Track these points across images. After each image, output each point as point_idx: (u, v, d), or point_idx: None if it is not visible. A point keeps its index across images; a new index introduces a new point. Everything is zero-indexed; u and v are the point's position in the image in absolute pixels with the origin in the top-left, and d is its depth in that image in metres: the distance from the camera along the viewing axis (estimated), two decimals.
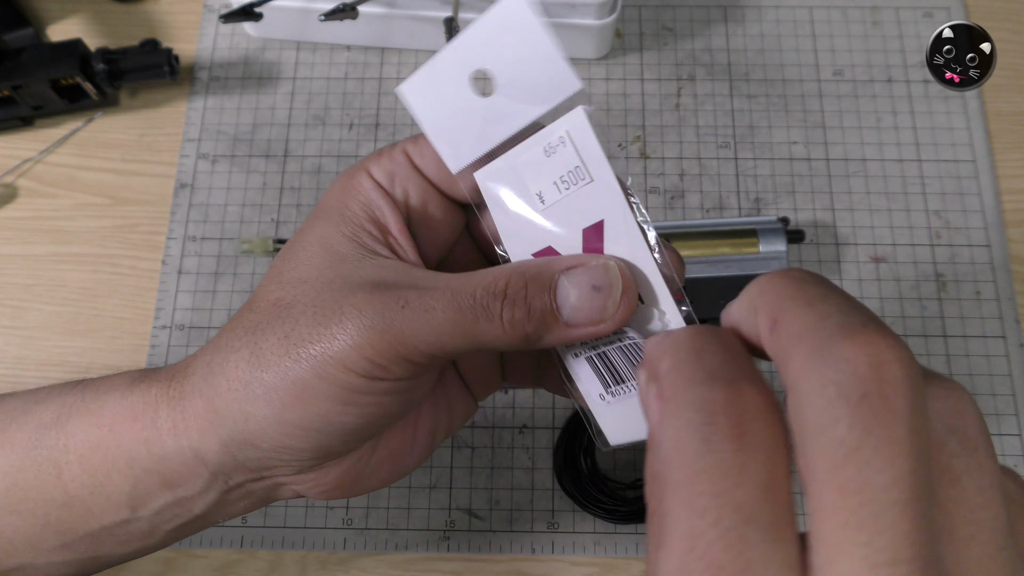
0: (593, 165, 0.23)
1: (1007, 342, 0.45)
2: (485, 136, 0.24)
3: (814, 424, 0.14)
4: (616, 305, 0.21)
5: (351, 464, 0.26)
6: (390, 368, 0.22)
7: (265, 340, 0.23)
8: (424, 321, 0.21)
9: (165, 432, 0.24)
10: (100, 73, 0.49)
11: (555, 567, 0.42)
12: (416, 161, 0.25)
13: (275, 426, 0.23)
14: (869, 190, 0.49)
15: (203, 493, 0.25)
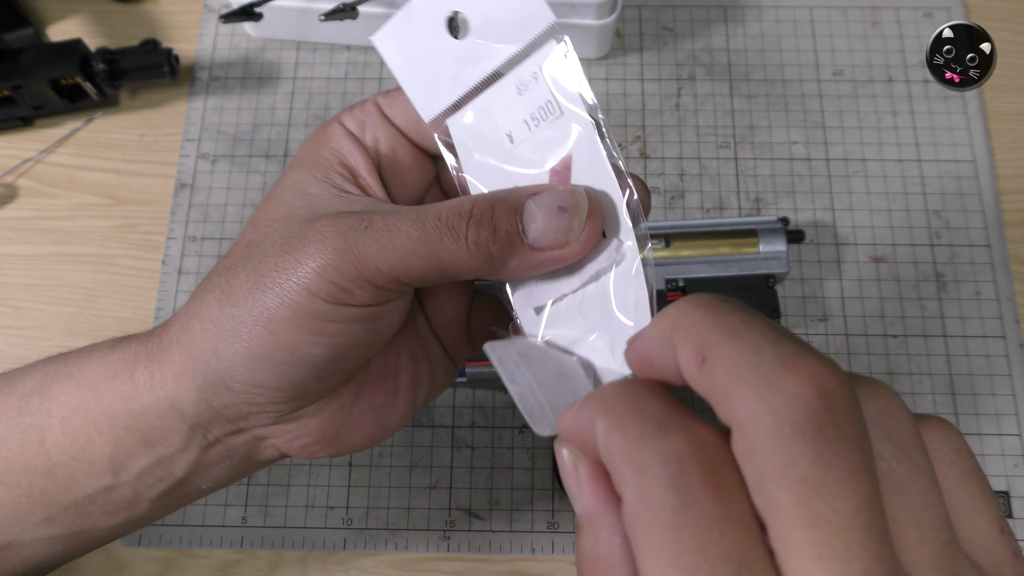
0: (564, 98, 0.23)
1: (1007, 342, 0.45)
2: (459, 80, 0.24)
3: (773, 464, 0.14)
4: (582, 225, 0.21)
5: (332, 413, 0.25)
6: (354, 291, 0.22)
7: (235, 277, 0.23)
8: (387, 240, 0.21)
9: (142, 385, 0.24)
10: (100, 73, 0.49)
11: (555, 567, 0.42)
12: (386, 111, 0.26)
13: (245, 361, 0.23)
14: (869, 190, 0.49)
15: (183, 451, 0.25)
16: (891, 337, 0.46)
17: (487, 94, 0.24)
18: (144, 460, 0.25)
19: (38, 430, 0.25)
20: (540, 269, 0.22)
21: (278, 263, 0.22)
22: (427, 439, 0.45)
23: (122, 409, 0.25)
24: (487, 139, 0.24)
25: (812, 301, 0.47)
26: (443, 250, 0.21)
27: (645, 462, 0.15)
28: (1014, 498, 0.42)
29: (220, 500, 0.44)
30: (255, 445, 0.26)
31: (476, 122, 0.24)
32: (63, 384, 0.26)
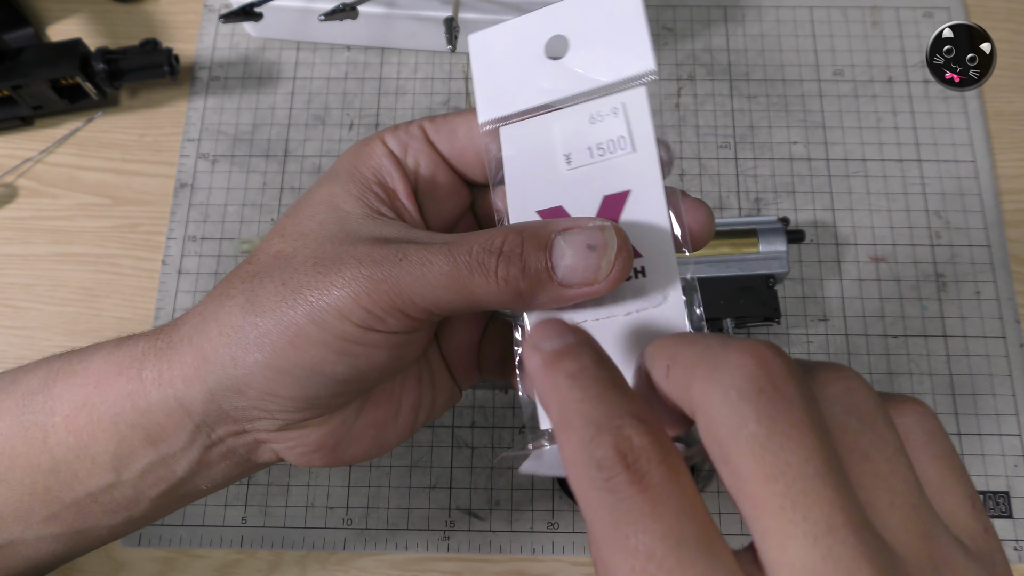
0: (640, 139, 0.23)
1: (1007, 342, 0.45)
2: (535, 94, 0.24)
3: (727, 429, 0.16)
4: (611, 264, 0.21)
5: (334, 426, 0.26)
6: (385, 319, 0.22)
7: (262, 287, 0.23)
8: (420, 274, 0.22)
9: (150, 383, 0.24)
10: (100, 73, 0.49)
11: (555, 567, 0.42)
12: (431, 135, 0.26)
13: (264, 371, 0.23)
14: (869, 190, 0.49)
15: (186, 449, 0.25)
16: (891, 337, 0.46)
17: (556, 115, 0.24)
18: (147, 458, 0.25)
19: (41, 427, 0.26)
20: (568, 303, 0.22)
21: (310, 281, 0.22)
22: (427, 439, 0.45)
23: (128, 406, 0.25)
24: (539, 156, 0.24)
25: (812, 301, 0.47)
26: (473, 286, 0.22)
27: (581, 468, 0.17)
28: (1014, 498, 0.42)
29: (220, 500, 0.44)
30: (255, 447, 0.26)
31: (533, 137, 0.25)
32: (67, 381, 0.26)
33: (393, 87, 0.52)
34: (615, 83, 0.24)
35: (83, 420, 0.25)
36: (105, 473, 0.26)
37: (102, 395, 0.25)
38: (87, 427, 0.25)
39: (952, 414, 0.44)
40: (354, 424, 0.26)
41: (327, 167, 0.50)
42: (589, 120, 0.24)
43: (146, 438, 0.25)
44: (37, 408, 0.26)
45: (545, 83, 0.24)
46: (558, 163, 0.24)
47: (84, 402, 0.25)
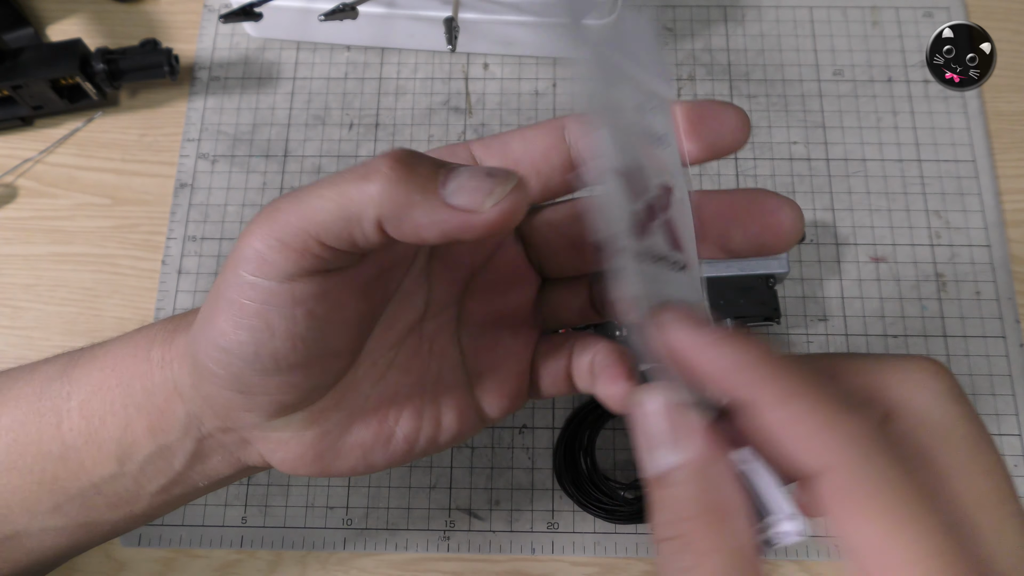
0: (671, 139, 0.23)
1: (1007, 342, 0.45)
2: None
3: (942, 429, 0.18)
4: (504, 194, 0.20)
5: (314, 438, 0.25)
6: (270, 257, 0.21)
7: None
8: (304, 195, 0.20)
9: (155, 364, 0.25)
10: (100, 73, 0.49)
11: (555, 567, 0.42)
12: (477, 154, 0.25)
13: (205, 348, 0.22)
14: (869, 190, 0.49)
15: (181, 440, 0.25)
16: (891, 337, 0.46)
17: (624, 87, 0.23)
18: (147, 448, 0.26)
19: (56, 413, 0.26)
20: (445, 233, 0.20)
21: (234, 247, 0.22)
22: None
23: (138, 387, 0.25)
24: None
25: (812, 301, 0.47)
26: (352, 187, 0.20)
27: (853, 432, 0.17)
28: None
29: (220, 500, 0.44)
30: (243, 446, 0.26)
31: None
32: (86, 366, 0.26)
33: (393, 87, 0.52)
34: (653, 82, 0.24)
35: (96, 404, 0.26)
36: (109, 462, 0.26)
37: (118, 377, 0.26)
38: (99, 411, 0.26)
39: None
40: (339, 439, 0.25)
41: (327, 167, 0.50)
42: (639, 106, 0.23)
43: (148, 425, 0.25)
44: (54, 393, 0.26)
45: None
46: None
47: (100, 385, 0.26)
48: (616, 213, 0.21)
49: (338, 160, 0.50)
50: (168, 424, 0.25)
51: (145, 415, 0.25)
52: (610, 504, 0.42)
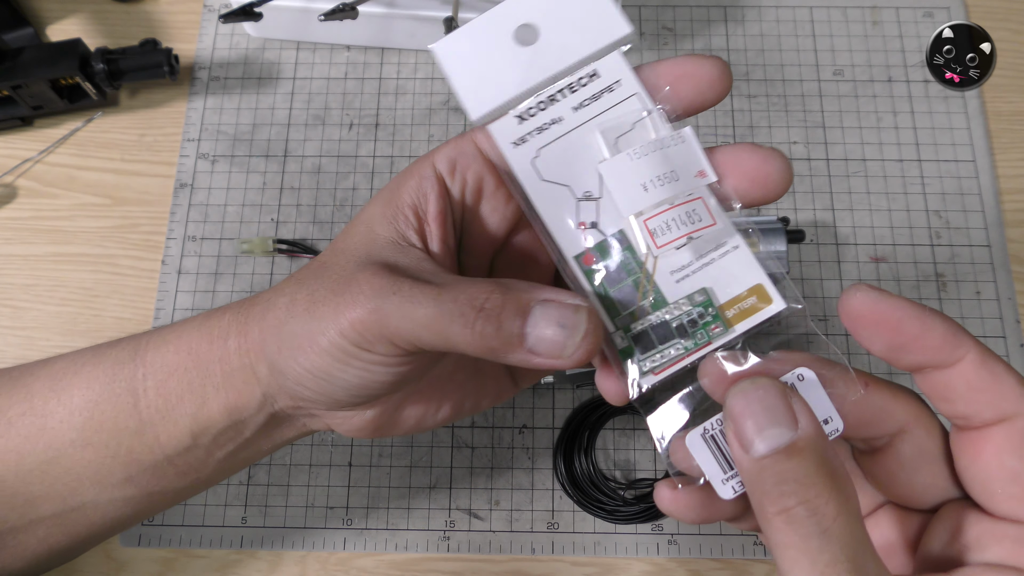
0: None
1: (1007, 342, 0.45)
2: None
3: None
4: (575, 346, 0.23)
5: (374, 415, 0.28)
6: (374, 344, 0.24)
7: (300, 293, 0.26)
8: (406, 311, 0.23)
9: (232, 351, 0.27)
10: (100, 73, 0.49)
11: (555, 567, 0.42)
12: (480, 142, 0.27)
13: (292, 365, 0.26)
14: (869, 190, 0.49)
15: (255, 415, 0.28)
16: None
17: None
18: (222, 423, 0.28)
19: (132, 393, 0.28)
20: (536, 367, 0.24)
21: (327, 297, 0.25)
22: (427, 439, 0.44)
23: (216, 371, 0.27)
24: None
25: (812, 301, 0.47)
26: (452, 333, 0.23)
27: None
28: None
29: (220, 500, 0.44)
30: (311, 418, 0.29)
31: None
32: (159, 350, 0.28)
33: (393, 87, 0.52)
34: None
35: (174, 384, 0.28)
36: (184, 436, 0.28)
37: (196, 360, 0.28)
38: (176, 390, 0.28)
39: None
40: (396, 414, 0.28)
41: (327, 167, 0.50)
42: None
43: (224, 403, 0.27)
44: (128, 375, 0.28)
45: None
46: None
47: (176, 367, 0.28)
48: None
49: (338, 160, 0.50)
50: (244, 402, 0.27)
51: (223, 394, 0.27)
52: (610, 504, 0.42)
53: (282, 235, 0.49)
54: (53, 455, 0.28)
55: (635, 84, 0.24)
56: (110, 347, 0.30)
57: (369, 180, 0.50)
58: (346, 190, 0.50)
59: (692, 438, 0.23)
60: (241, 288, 0.48)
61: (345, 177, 0.50)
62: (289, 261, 0.48)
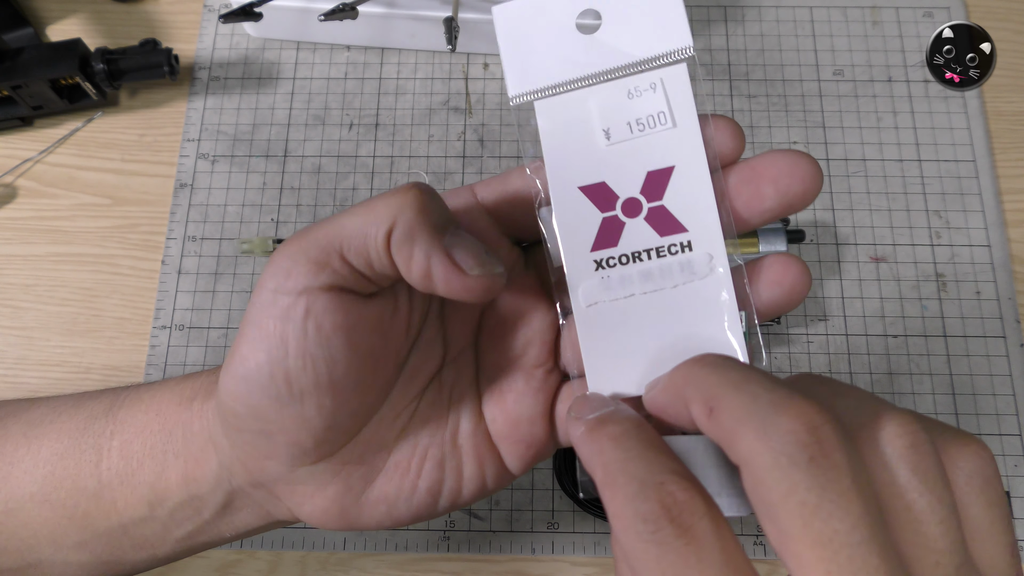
0: (681, 113, 0.24)
1: (1007, 342, 0.45)
2: (568, 68, 0.24)
3: (777, 493, 0.17)
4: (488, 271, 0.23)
5: (338, 491, 0.25)
6: (290, 269, 0.22)
7: None
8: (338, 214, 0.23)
9: (195, 413, 0.26)
10: (100, 73, 0.49)
11: (555, 567, 0.42)
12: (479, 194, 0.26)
13: (225, 384, 0.23)
14: (869, 190, 0.49)
15: (212, 492, 0.26)
16: (891, 337, 0.46)
17: (593, 89, 0.24)
18: (179, 496, 0.26)
19: (97, 451, 0.27)
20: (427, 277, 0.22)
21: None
22: None
23: (178, 435, 0.26)
24: (578, 131, 0.24)
25: (812, 301, 0.47)
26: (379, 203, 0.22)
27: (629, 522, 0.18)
28: (1014, 498, 0.42)
29: None
30: (272, 502, 0.26)
31: (569, 111, 0.24)
32: (131, 408, 0.27)
33: (393, 87, 0.52)
34: (651, 59, 0.24)
35: (137, 446, 0.26)
36: (140, 506, 0.26)
37: (160, 422, 0.26)
38: (138, 453, 0.26)
39: (952, 414, 0.44)
40: (363, 493, 0.25)
41: (327, 167, 0.50)
42: (627, 95, 0.24)
43: (182, 473, 0.26)
44: (98, 431, 0.27)
45: (579, 57, 0.24)
46: (597, 138, 0.24)
47: (143, 428, 0.26)
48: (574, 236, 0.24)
49: (338, 160, 0.50)
50: (201, 474, 0.26)
51: (181, 462, 0.26)
52: None
53: (282, 235, 0.49)
54: (13, 506, 0.27)
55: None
56: (91, 398, 0.28)
57: (369, 180, 0.50)
58: (346, 190, 0.50)
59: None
60: (241, 288, 0.48)
61: (345, 177, 0.50)
62: None
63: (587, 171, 0.24)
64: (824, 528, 0.16)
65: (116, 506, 0.26)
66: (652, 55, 0.24)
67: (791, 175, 0.23)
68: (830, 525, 0.16)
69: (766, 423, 0.17)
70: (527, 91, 0.24)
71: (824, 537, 0.16)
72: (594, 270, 0.24)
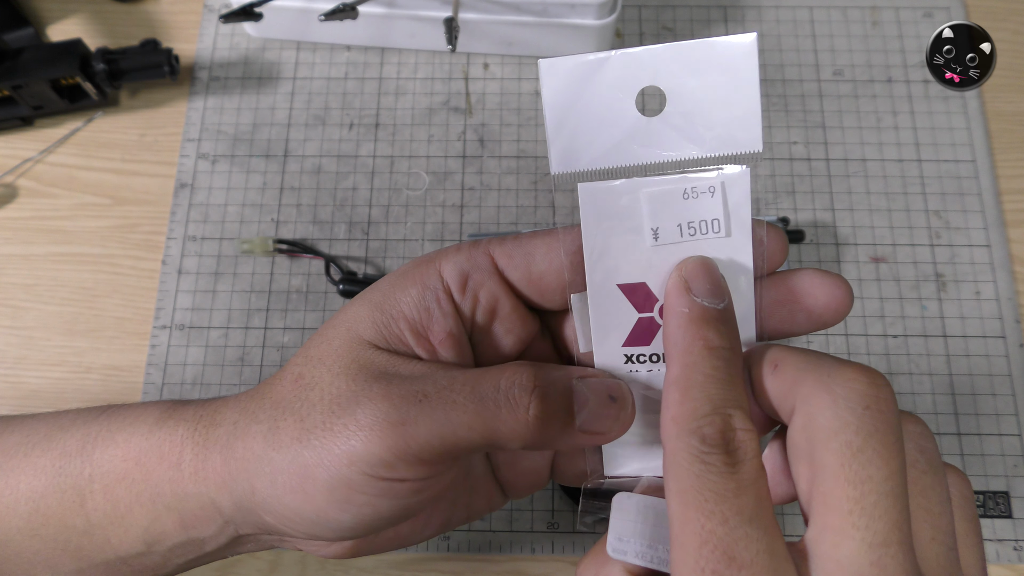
0: (737, 225, 0.23)
1: (1007, 342, 0.45)
2: (619, 152, 0.22)
3: (826, 430, 0.18)
4: (628, 418, 0.23)
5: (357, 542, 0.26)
6: (396, 466, 0.21)
7: (283, 419, 0.23)
8: (443, 414, 0.21)
9: (187, 475, 0.25)
10: (100, 73, 0.49)
11: (555, 567, 0.42)
12: (500, 264, 0.24)
13: (276, 507, 0.23)
14: (869, 190, 0.49)
15: (215, 536, 0.26)
16: (891, 337, 0.46)
17: (647, 181, 0.22)
18: (178, 538, 0.26)
19: (78, 491, 0.26)
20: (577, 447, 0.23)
21: (325, 421, 0.22)
22: None
23: (167, 491, 0.25)
24: (624, 225, 0.22)
25: None
26: (500, 422, 0.21)
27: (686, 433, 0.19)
28: (1014, 498, 0.42)
29: None
30: (279, 543, 0.27)
31: (618, 202, 0.22)
32: (106, 451, 0.26)
33: (393, 87, 0.52)
34: (714, 157, 0.22)
35: (122, 492, 0.25)
36: (136, 543, 0.26)
37: (143, 474, 0.25)
38: (125, 499, 0.25)
39: (952, 414, 0.44)
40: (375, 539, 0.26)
41: (327, 167, 0.50)
42: (683, 195, 0.22)
43: (179, 521, 0.25)
44: (74, 472, 0.26)
45: (635, 139, 0.22)
46: (644, 236, 0.22)
47: (124, 476, 0.25)
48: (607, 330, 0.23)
49: (338, 160, 0.50)
50: (201, 524, 0.25)
51: (176, 514, 0.25)
52: None
53: (282, 235, 0.49)
54: (3, 538, 0.26)
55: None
56: (61, 431, 0.27)
57: (369, 180, 0.50)
58: (346, 190, 0.50)
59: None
60: (241, 288, 0.48)
61: (345, 177, 0.50)
62: (289, 261, 0.48)
63: (629, 269, 0.23)
64: (860, 471, 0.17)
65: (110, 543, 0.26)
66: (717, 154, 0.22)
67: (826, 307, 0.23)
68: (867, 470, 0.17)
69: (831, 372, 0.19)
70: (572, 170, 0.22)
71: (858, 478, 0.17)
72: (623, 363, 0.23)
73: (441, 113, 0.52)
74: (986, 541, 0.42)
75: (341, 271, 0.47)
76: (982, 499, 0.43)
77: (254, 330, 0.47)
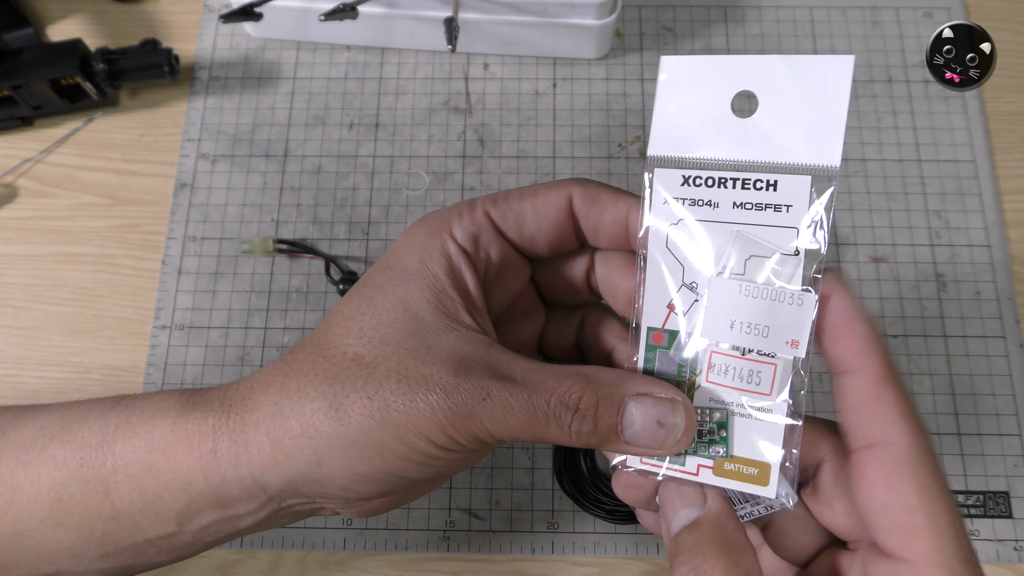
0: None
1: (1007, 342, 0.45)
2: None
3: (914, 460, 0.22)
4: (675, 442, 0.23)
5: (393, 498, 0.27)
6: (465, 444, 0.24)
7: (346, 396, 0.24)
8: (501, 416, 0.23)
9: (225, 462, 0.25)
10: (100, 73, 0.49)
11: (555, 567, 0.42)
12: (498, 222, 0.27)
13: (348, 474, 0.25)
14: (869, 190, 0.49)
15: (253, 512, 0.26)
16: (891, 337, 0.46)
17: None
18: (213, 516, 0.26)
19: (102, 482, 0.26)
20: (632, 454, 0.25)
21: (398, 402, 0.24)
22: None
23: (200, 478, 0.25)
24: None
25: None
26: (547, 432, 0.24)
27: None
28: (1014, 498, 0.42)
29: None
30: (317, 509, 0.28)
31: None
32: (129, 443, 0.26)
33: (393, 87, 0.52)
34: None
35: (149, 481, 0.26)
36: (168, 525, 0.26)
37: (171, 464, 0.26)
38: (152, 487, 0.26)
39: (952, 414, 0.44)
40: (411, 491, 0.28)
41: (327, 167, 0.50)
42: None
43: (215, 502, 0.26)
44: (96, 463, 0.26)
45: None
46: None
47: (150, 466, 0.26)
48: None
49: (338, 160, 0.50)
50: (240, 502, 0.26)
51: (211, 497, 0.26)
52: (610, 504, 0.42)
53: (282, 235, 0.49)
54: (23, 528, 0.27)
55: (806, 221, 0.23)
56: (77, 423, 0.27)
57: (369, 180, 0.50)
58: (346, 190, 0.50)
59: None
60: (241, 288, 0.48)
61: (345, 177, 0.50)
62: (289, 261, 0.48)
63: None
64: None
65: (139, 526, 0.26)
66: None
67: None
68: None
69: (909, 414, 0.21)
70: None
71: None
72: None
73: (441, 113, 0.52)
74: (986, 541, 0.42)
75: (341, 271, 0.47)
76: (982, 499, 0.43)
77: (254, 330, 0.47)
